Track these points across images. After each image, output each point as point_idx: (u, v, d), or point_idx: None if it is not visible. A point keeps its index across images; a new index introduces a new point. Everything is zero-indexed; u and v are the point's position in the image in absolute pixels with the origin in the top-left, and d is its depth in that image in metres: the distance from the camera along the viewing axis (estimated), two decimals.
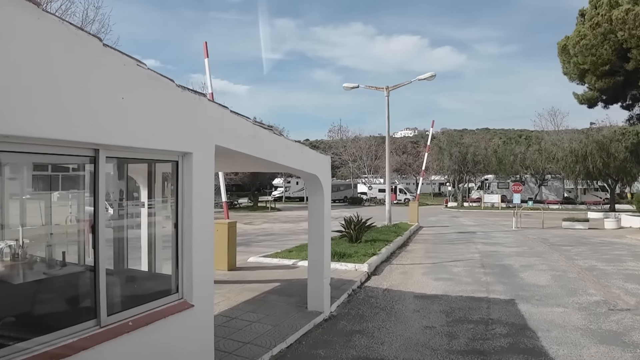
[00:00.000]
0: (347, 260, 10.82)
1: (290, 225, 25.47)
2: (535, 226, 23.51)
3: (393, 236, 16.00)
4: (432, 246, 15.62)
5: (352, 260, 10.80)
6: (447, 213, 37.56)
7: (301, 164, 5.81)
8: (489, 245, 15.70)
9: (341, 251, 11.64)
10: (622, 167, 29.61)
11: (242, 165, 6.66)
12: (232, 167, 7.76)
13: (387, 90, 20.09)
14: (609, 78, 24.32)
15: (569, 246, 15.37)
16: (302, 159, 5.83)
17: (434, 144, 49.90)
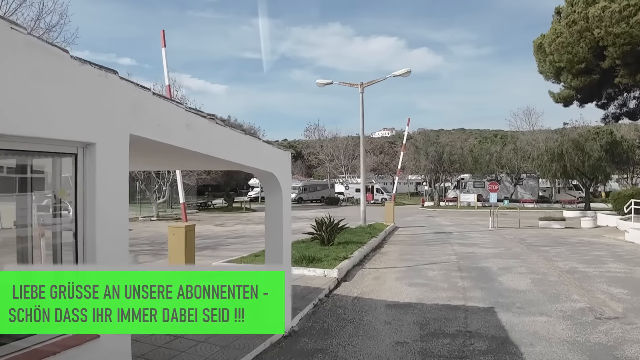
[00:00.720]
0: (317, 265, 10.09)
1: (262, 227, 24.57)
2: (512, 226, 23.18)
3: (367, 238, 15.33)
4: (408, 248, 15.01)
5: (321, 265, 10.07)
6: (423, 213, 37.20)
7: (254, 160, 5.05)
8: (466, 247, 15.17)
9: (311, 255, 10.91)
10: (597, 166, 29.61)
11: (179, 161, 5.80)
12: (164, 164, 6.85)
13: (362, 87, 19.45)
14: (584, 76, 24.17)
15: (547, 246, 14.94)
16: (254, 155, 5.07)
17: (411, 143, 49.58)
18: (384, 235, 17.72)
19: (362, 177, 19.78)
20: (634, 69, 22.52)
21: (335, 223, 13.66)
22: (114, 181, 3.11)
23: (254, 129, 45.35)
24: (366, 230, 17.46)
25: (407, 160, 49.09)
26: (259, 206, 51.75)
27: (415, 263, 11.74)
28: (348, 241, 14.03)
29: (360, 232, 16.60)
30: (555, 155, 29.42)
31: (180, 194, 11.82)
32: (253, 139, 5.06)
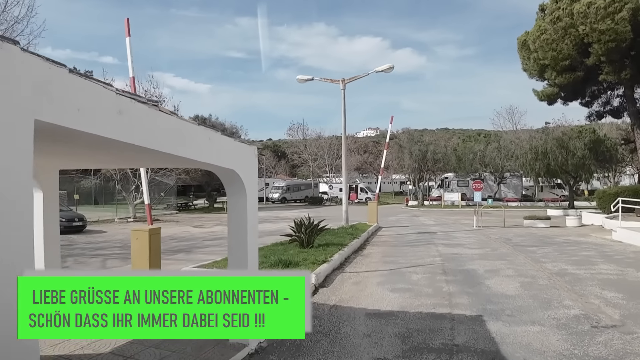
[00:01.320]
0: (293, 269, 9.44)
1: None
2: (496, 225, 22.81)
3: (349, 239, 14.74)
4: (391, 249, 14.44)
5: (298, 269, 9.42)
6: (407, 212, 36.81)
7: (209, 155, 4.38)
8: (451, 247, 14.66)
9: (287, 259, 10.27)
10: (580, 164, 29.45)
11: (114, 156, 4.92)
12: (106, 160, 5.95)
13: (343, 83, 18.85)
14: (569, 73, 23.91)
15: (533, 247, 14.50)
16: (210, 150, 4.39)
17: (394, 142, 49.24)
18: (366, 236, 17.15)
19: (344, 176, 19.20)
20: (618, 66, 22.30)
21: (315, 224, 13.03)
22: (9, 177, 2.43)
23: (235, 127, 44.51)
24: (348, 231, 16.87)
25: (391, 159, 48.71)
26: None
27: (398, 266, 11.16)
28: (329, 243, 13.42)
29: (342, 233, 16.00)
30: (539, 154, 29.19)
31: (145, 194, 11.06)
32: (209, 131, 4.38)
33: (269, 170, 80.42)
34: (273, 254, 11.10)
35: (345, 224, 18.47)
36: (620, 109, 29.50)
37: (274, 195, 58.02)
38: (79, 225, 22.37)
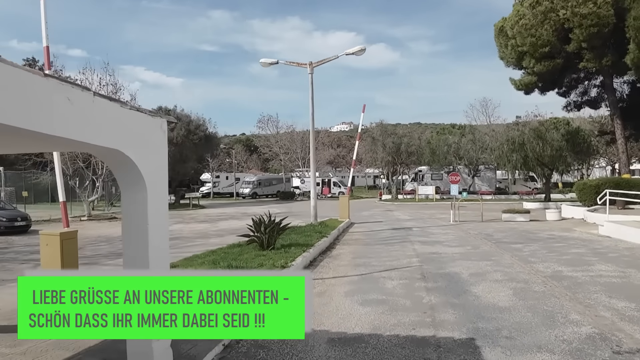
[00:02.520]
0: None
1: (205, 225, 22.20)
2: (474, 219, 21.69)
3: (316, 238, 13.25)
4: (363, 249, 13.01)
5: None
6: (381, 206, 35.57)
7: (72, 127, 2.78)
8: (428, 245, 13.33)
9: (240, 265, 8.73)
10: (557, 156, 28.63)
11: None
12: None
13: (311, 67, 17.29)
14: (548, 61, 22.87)
15: (518, 243, 13.28)
16: (74, 118, 2.79)
17: (368, 135, 47.99)
18: (336, 234, 15.70)
19: (313, 169, 17.66)
20: (600, 52, 21.34)
21: (276, 222, 11.48)
22: None
23: (202, 119, 42.31)
24: (316, 228, 15.36)
25: (364, 152, 47.48)
26: (210, 202, 48.98)
27: (371, 270, 9.71)
28: (293, 243, 11.91)
29: (310, 232, 14.49)
30: (516, 145, 28.24)
31: (59, 190, 9.30)
32: (67, 88, 2.77)
33: (241, 165, 78.48)
34: (225, 258, 9.54)
35: (314, 220, 16.97)
36: (598, 99, 28.77)
37: (244, 190, 56.22)
38: (22, 225, 20.32)
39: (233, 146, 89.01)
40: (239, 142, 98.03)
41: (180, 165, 40.35)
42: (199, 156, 41.50)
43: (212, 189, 59.20)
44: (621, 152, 24.32)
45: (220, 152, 61.01)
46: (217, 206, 41.42)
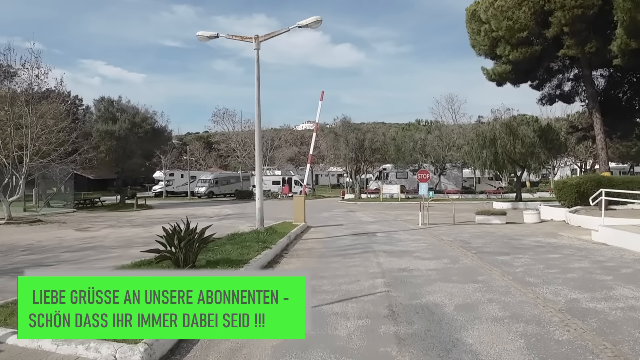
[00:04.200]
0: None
1: (137, 231, 19.10)
2: (445, 221, 19.43)
3: (256, 250, 10.50)
4: (315, 263, 10.32)
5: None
6: (343, 207, 33.07)
7: None
8: (396, 257, 10.78)
9: None
10: (530, 152, 26.72)
11: None
12: None
13: (257, 42, 14.47)
14: (525, 48, 20.78)
15: (503, 254, 10.90)
16: None
17: (330, 130, 45.46)
18: (286, 243, 12.96)
19: (258, 162, 14.66)
20: (583, 38, 19.37)
21: (196, 233, 8.63)
22: None
23: (150, 112, 38.64)
24: (261, 237, 12.55)
25: (326, 148, 44.89)
26: (160, 202, 45.34)
27: (320, 300, 7.00)
28: (223, 259, 9.17)
29: (251, 241, 11.69)
30: (487, 141, 26.15)
31: None
32: None
33: (199, 162, 74.81)
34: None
35: (259, 226, 14.08)
36: (572, 93, 27.16)
37: (200, 189, 52.83)
38: None
39: (191, 143, 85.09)
40: (200, 139, 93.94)
41: (124, 161, 36.82)
42: (147, 152, 37.99)
43: (165, 187, 55.48)
44: (600, 149, 22.56)
45: (173, 148, 57.28)
46: (166, 206, 38.02)
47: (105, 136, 34.78)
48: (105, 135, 34.81)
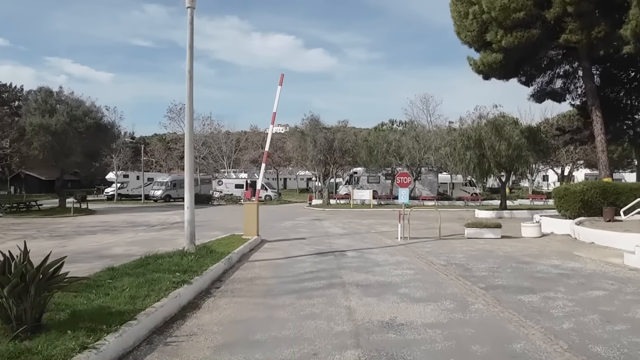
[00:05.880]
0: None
1: (47, 244, 15.20)
2: (427, 235, 16.26)
3: (165, 288, 6.92)
4: (253, 310, 6.79)
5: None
6: (309, 214, 29.63)
7: None
8: (374, 297, 7.38)
9: None
10: (516, 155, 23.87)
11: None
12: None
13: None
14: (521, 32, 17.84)
15: (525, 291, 7.64)
16: None
17: (296, 129, 42.03)
18: (222, 269, 9.40)
19: (188, 159, 10.90)
20: (589, 21, 16.55)
21: (48, 268, 5.00)
22: None
23: (95, 105, 34.30)
24: (185, 261, 8.89)
25: (293, 149, 41.45)
26: (108, 206, 40.94)
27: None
28: (100, 308, 5.64)
29: (164, 270, 8.06)
30: (472, 141, 23.16)
31: None
32: None
33: (160, 163, 70.32)
34: None
35: (188, 245, 10.37)
36: (564, 91, 24.50)
37: (156, 192, 48.63)
38: None
39: (153, 143, 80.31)
40: (163, 140, 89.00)
41: (62, 160, 32.45)
42: (90, 149, 33.60)
43: (118, 190, 50.96)
44: (600, 151, 19.84)
45: (126, 147, 52.82)
46: (113, 211, 33.87)
47: (40, 131, 30.40)
48: (39, 129, 30.44)
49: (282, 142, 64.80)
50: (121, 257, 11.58)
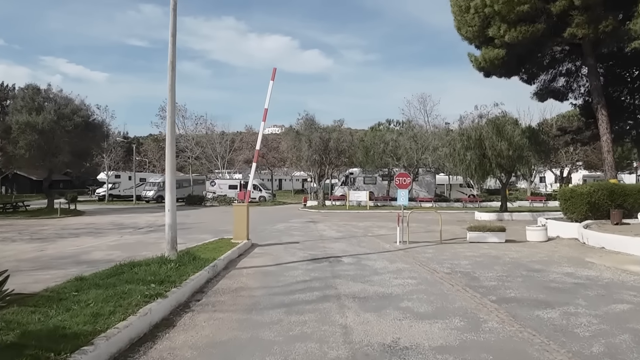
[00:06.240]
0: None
1: (24, 248, 14.33)
2: (427, 238, 15.47)
3: (135, 303, 6.06)
4: (235, 329, 5.92)
5: None
6: (304, 216, 28.76)
7: None
8: (373, 313, 6.54)
9: None
10: (517, 156, 23.10)
11: None
12: None
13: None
14: (525, 26, 17.04)
15: (542, 305, 6.82)
16: None
17: (291, 128, 41.13)
18: (205, 278, 8.52)
19: (169, 156, 9.96)
20: (597, 14, 15.78)
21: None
22: None
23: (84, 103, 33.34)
24: (163, 270, 8.02)
25: (287, 149, 40.57)
26: (98, 207, 39.98)
27: None
28: (54, 329, 4.84)
29: (139, 281, 7.20)
30: (473, 141, 22.37)
31: None
32: None
33: (153, 164, 69.29)
34: None
35: (169, 250, 9.46)
36: (566, 90, 23.76)
37: (148, 193, 47.70)
38: None
39: (147, 143, 79.22)
40: (156, 140, 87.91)
41: (49, 159, 31.45)
42: (78, 149, 32.62)
43: (109, 190, 49.92)
44: (606, 151, 19.07)
45: (118, 147, 51.86)
46: (101, 213, 32.93)
47: (26, 129, 29.42)
48: (26, 128, 29.46)
49: (277, 143, 63.91)
50: (99, 262, 10.76)
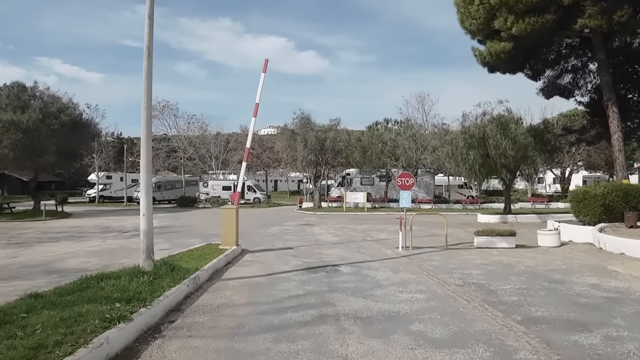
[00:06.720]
0: None
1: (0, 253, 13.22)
2: (431, 244, 14.41)
3: (91, 330, 4.95)
4: (215, 357, 4.88)
5: None
6: (299, 218, 27.67)
7: None
8: (380, 340, 5.47)
9: None
10: (522, 155, 22.10)
11: None
12: None
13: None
14: (534, 17, 16.01)
15: (577, 327, 5.76)
16: None
17: (286, 128, 40.02)
18: (183, 294, 7.41)
19: (144, 154, 8.75)
20: (610, 4, 14.75)
21: None
22: None
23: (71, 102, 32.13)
24: (134, 285, 6.90)
25: (282, 149, 39.46)
26: (88, 209, 38.78)
27: None
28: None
29: (102, 299, 6.09)
30: (476, 139, 21.34)
31: None
32: None
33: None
34: None
35: (143, 261, 8.28)
36: (572, 87, 22.79)
37: (139, 194, 46.25)
38: None
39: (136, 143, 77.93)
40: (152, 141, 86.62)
41: (34, 159, 30.24)
42: (66, 148, 31.45)
43: (100, 192, 48.66)
44: (617, 150, 18.09)
45: (109, 147, 50.63)
46: (90, 214, 31.80)
47: (10, 128, 28.21)
48: (9, 126, 28.25)
49: (272, 143, 62.80)
50: (71, 272, 9.70)
